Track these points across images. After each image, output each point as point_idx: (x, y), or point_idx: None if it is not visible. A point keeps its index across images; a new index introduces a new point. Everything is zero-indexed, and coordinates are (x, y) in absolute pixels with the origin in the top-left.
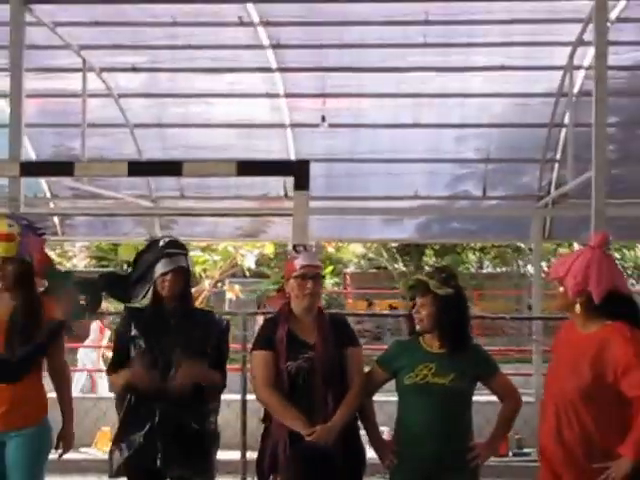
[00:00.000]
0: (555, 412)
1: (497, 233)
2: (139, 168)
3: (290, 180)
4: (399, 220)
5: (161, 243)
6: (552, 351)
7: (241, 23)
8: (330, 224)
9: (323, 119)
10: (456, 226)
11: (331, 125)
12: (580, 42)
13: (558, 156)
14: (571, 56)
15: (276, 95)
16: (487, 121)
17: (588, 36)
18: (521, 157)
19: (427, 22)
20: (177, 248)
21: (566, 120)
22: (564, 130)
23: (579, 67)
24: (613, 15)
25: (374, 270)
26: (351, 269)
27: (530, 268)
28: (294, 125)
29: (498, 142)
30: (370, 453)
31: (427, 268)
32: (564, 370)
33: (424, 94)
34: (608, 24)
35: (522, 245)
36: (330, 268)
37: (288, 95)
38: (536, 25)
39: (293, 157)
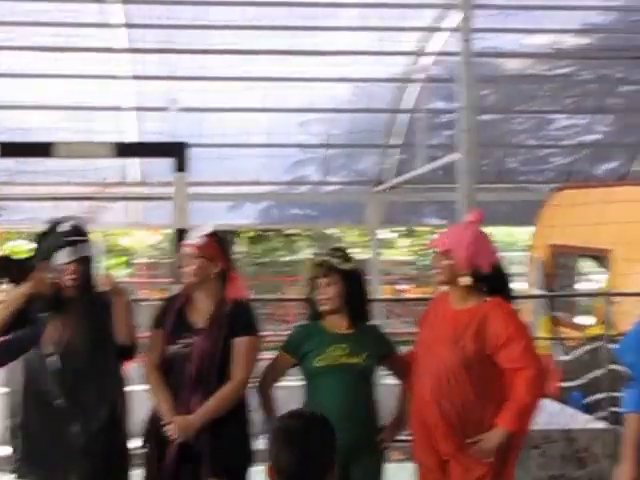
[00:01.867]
0: (434, 384)
1: (337, 218)
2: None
3: (130, 164)
4: (240, 206)
5: (62, 229)
6: (420, 325)
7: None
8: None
9: (172, 102)
10: (297, 212)
11: (179, 109)
12: (431, 28)
13: (399, 141)
14: (421, 41)
15: (123, 77)
16: (331, 106)
17: (439, 22)
18: (363, 142)
19: (276, 4)
20: (79, 235)
21: (407, 105)
22: (406, 116)
23: (428, 53)
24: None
25: (168, 259)
26: (143, 259)
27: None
28: (141, 108)
29: (341, 127)
30: None
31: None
32: (442, 343)
33: (270, 77)
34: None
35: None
36: (124, 258)
37: (136, 77)
38: (386, 10)
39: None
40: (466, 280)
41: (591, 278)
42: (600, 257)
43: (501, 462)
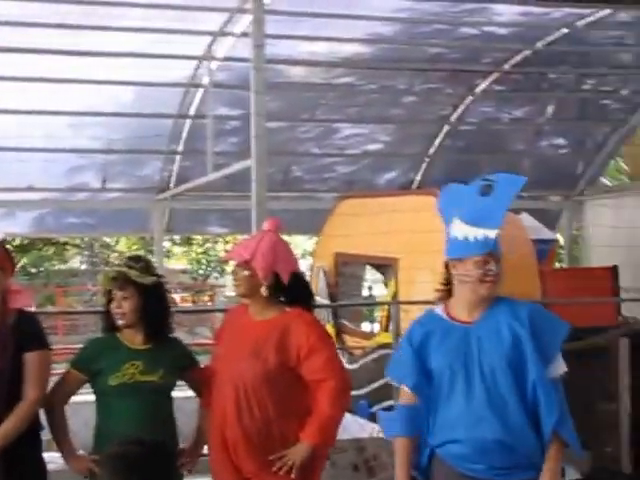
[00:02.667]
0: (235, 399)
1: (117, 226)
2: None
3: None
4: (11, 213)
5: None
6: (217, 338)
7: None
8: None
9: None
10: (74, 220)
11: None
12: (219, 32)
13: (181, 148)
14: (210, 46)
15: None
16: (113, 109)
17: (226, 27)
18: (145, 148)
19: (57, 0)
20: None
21: (192, 111)
22: (188, 122)
23: (214, 58)
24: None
25: None
26: None
27: None
28: None
29: (122, 132)
30: None
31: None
32: (242, 356)
33: (48, 78)
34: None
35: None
36: None
37: None
38: (174, 12)
39: None
40: (263, 291)
41: (376, 287)
42: (386, 266)
43: (305, 477)
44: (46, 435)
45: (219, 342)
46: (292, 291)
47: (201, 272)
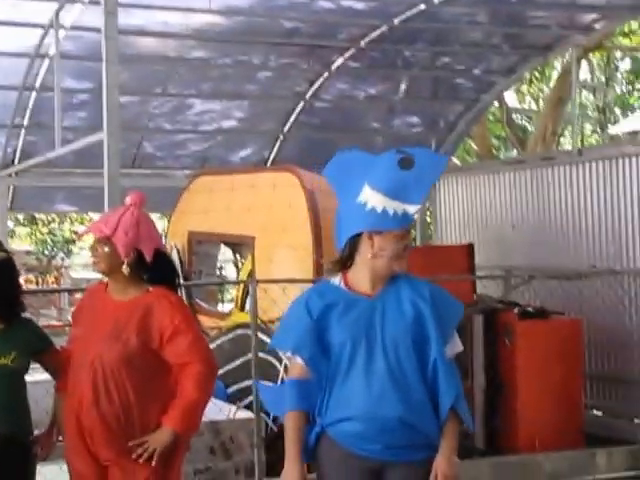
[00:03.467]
0: (92, 382)
1: None
2: None
3: None
4: None
5: None
6: (74, 320)
7: None
8: None
9: None
10: None
11: None
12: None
13: (26, 122)
14: (57, 14)
15: None
16: None
17: None
18: None
19: None
20: None
21: (37, 83)
22: (34, 94)
23: (62, 27)
24: None
25: None
26: None
27: None
28: None
29: None
30: None
31: None
32: (100, 338)
33: None
34: None
35: None
36: None
37: None
38: None
39: None
40: (125, 269)
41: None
42: (241, 244)
43: (167, 464)
44: None
45: (76, 323)
46: (155, 269)
47: (46, 253)
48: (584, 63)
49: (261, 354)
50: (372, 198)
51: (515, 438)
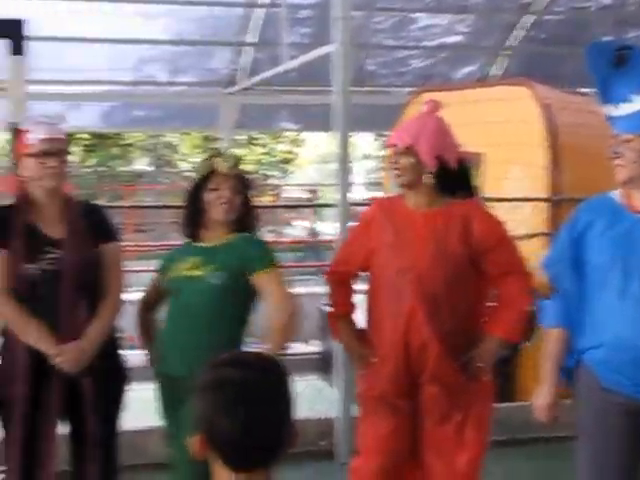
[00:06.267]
0: (422, 297)
1: (185, 121)
2: None
3: None
4: (77, 107)
5: None
6: (359, 231)
7: None
8: None
9: None
10: (140, 113)
11: None
12: None
13: (251, 39)
14: None
15: None
16: None
17: None
18: (214, 39)
19: None
20: None
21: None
22: (260, 11)
23: None
24: None
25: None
26: None
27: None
28: None
29: (191, 22)
30: None
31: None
32: (419, 251)
33: None
34: None
35: None
36: None
37: None
38: None
39: None
40: (430, 178)
41: None
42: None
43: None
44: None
45: (367, 236)
46: (457, 180)
47: (263, 172)
48: None
49: None
50: None
51: None
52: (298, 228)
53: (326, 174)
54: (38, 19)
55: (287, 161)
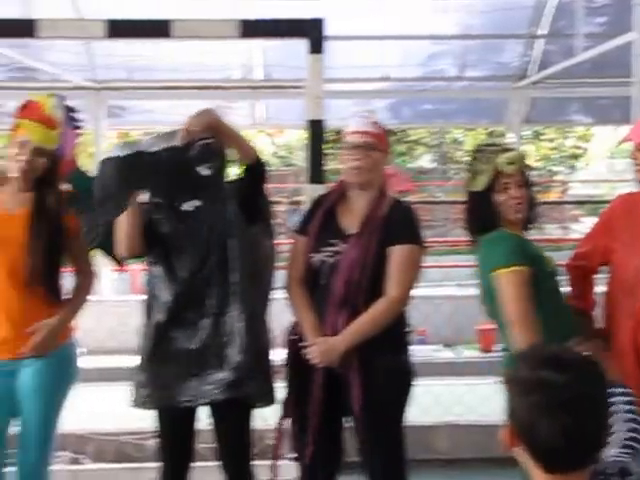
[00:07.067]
0: None
1: (472, 117)
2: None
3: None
4: (365, 104)
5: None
6: (608, 228)
7: None
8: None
9: None
10: (428, 108)
11: None
12: None
13: (545, 32)
14: None
15: None
16: None
17: None
18: (503, 32)
19: None
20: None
21: None
22: (553, 0)
23: None
24: None
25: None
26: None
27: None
28: None
29: (480, 15)
30: None
31: None
32: None
33: None
34: None
35: None
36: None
37: None
38: None
39: None
40: None
41: None
42: None
43: None
44: None
45: (609, 232)
46: None
47: (549, 169)
48: None
49: None
50: None
51: None
52: (586, 225)
53: (618, 170)
54: (334, 17)
55: (575, 156)
